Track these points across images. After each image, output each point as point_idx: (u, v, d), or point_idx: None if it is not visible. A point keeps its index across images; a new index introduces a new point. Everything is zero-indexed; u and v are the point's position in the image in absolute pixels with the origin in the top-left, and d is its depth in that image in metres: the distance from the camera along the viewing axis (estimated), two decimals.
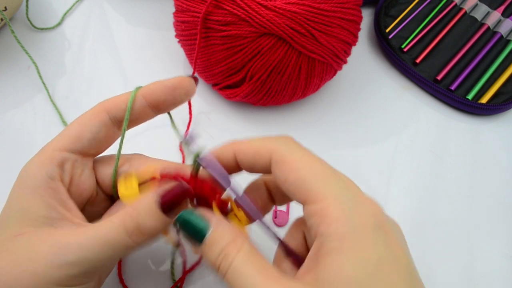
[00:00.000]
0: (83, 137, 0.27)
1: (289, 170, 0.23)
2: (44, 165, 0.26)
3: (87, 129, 0.27)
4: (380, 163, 0.42)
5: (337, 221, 0.21)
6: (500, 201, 0.41)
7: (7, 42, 0.46)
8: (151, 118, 0.29)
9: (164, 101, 0.28)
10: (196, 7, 0.37)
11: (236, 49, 0.37)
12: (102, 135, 0.27)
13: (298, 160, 0.23)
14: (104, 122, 0.27)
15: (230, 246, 0.23)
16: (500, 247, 0.39)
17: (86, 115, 0.27)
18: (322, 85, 0.42)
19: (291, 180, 0.23)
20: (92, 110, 0.28)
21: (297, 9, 0.35)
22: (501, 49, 0.47)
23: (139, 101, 0.28)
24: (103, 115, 0.27)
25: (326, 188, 0.22)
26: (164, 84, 0.28)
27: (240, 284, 0.22)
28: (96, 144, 0.27)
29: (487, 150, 0.44)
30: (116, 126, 0.28)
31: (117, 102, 0.28)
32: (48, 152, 0.26)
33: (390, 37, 0.48)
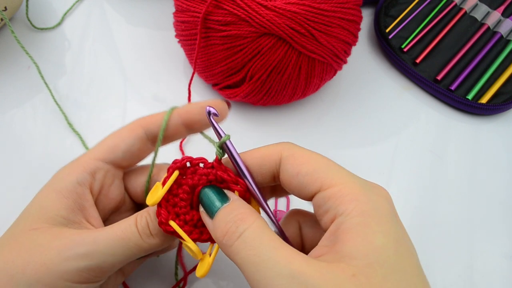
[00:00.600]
0: (118, 148, 0.28)
1: (300, 163, 0.24)
2: (75, 171, 0.27)
3: (122, 142, 0.28)
4: (380, 163, 0.42)
5: (358, 200, 0.22)
6: (500, 201, 0.41)
7: (7, 42, 0.46)
8: (183, 136, 0.30)
9: (198, 121, 0.28)
10: (196, 7, 0.37)
11: (236, 49, 0.37)
12: (136, 148, 0.28)
13: (308, 155, 0.24)
14: (139, 136, 0.28)
15: (245, 214, 0.23)
16: (500, 247, 0.38)
17: (122, 129, 0.28)
18: (322, 85, 0.42)
19: (305, 171, 0.23)
20: (128, 125, 0.29)
21: (297, 9, 0.35)
22: (501, 49, 0.47)
23: (174, 119, 0.28)
24: (139, 130, 0.28)
25: (341, 175, 0.23)
26: (200, 105, 0.28)
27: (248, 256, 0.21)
28: (130, 156, 0.28)
29: (487, 150, 0.44)
30: (150, 142, 0.29)
31: (153, 119, 0.28)
32: (83, 160, 0.27)
33: (390, 37, 0.48)
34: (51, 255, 0.24)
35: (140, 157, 0.29)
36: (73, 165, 0.27)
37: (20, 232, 0.25)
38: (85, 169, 0.27)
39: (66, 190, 0.26)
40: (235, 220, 0.22)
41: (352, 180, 0.23)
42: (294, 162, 0.24)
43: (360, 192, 0.22)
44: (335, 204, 0.22)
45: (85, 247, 0.24)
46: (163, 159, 0.41)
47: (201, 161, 0.27)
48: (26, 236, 0.25)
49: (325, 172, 0.23)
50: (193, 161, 0.26)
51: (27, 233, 0.25)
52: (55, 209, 0.25)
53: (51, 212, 0.25)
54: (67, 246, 0.24)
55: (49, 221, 0.25)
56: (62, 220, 0.25)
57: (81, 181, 0.26)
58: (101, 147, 0.28)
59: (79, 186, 0.26)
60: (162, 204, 0.25)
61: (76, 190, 0.26)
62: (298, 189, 0.24)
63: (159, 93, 0.44)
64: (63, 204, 0.25)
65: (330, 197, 0.22)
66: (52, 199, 0.26)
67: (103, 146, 0.28)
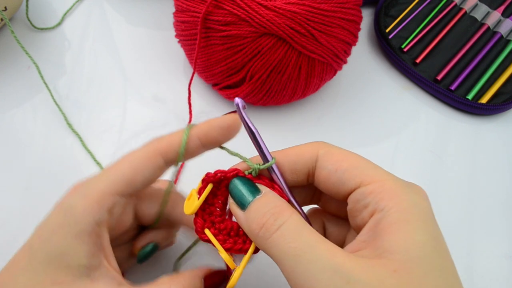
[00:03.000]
0: (137, 181, 0.26)
1: (339, 159, 0.24)
2: (93, 210, 0.24)
3: (141, 173, 0.26)
4: (380, 163, 0.42)
5: (399, 196, 0.22)
6: (500, 201, 0.41)
7: (7, 42, 0.46)
8: (201, 154, 0.28)
9: (218, 140, 0.27)
10: (196, 7, 0.37)
11: (236, 49, 0.37)
12: (155, 177, 0.27)
13: (345, 152, 0.25)
14: (159, 165, 0.26)
15: (282, 207, 0.22)
16: (500, 247, 0.38)
17: (138, 157, 0.26)
18: (322, 85, 0.42)
19: (344, 167, 0.24)
20: (145, 151, 0.26)
21: (297, 9, 0.35)
22: (501, 49, 0.47)
23: (194, 142, 0.27)
24: (158, 159, 0.26)
25: (380, 172, 0.23)
26: (219, 126, 0.27)
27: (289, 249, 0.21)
28: (147, 185, 0.27)
29: (487, 150, 0.44)
30: (168, 166, 0.27)
31: (172, 144, 0.26)
32: (98, 195, 0.25)
33: (390, 37, 0.48)
34: None
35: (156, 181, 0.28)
36: (88, 200, 0.25)
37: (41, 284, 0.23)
38: (103, 207, 0.25)
39: (85, 234, 0.24)
40: (272, 212, 0.22)
41: (391, 177, 0.23)
42: (332, 159, 0.24)
43: (401, 189, 0.22)
44: (375, 200, 0.22)
45: None
46: None
47: (236, 172, 0.26)
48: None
49: (364, 168, 0.24)
50: (227, 174, 0.26)
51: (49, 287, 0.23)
52: (76, 257, 0.24)
53: (72, 262, 0.23)
54: None
55: (72, 272, 0.23)
56: (84, 270, 0.24)
57: (100, 221, 0.24)
58: (116, 178, 0.25)
59: (98, 227, 0.24)
60: (198, 213, 0.26)
61: (95, 231, 0.24)
62: (336, 186, 0.24)
63: (159, 93, 0.44)
64: (83, 251, 0.24)
65: (371, 193, 0.22)
66: (71, 245, 0.24)
67: (119, 178, 0.25)
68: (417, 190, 0.24)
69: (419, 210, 0.22)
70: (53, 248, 0.24)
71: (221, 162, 0.28)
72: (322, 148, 0.25)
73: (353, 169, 0.24)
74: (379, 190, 0.22)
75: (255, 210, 0.23)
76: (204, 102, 0.44)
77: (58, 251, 0.24)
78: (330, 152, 0.25)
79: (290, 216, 0.22)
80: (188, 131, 0.27)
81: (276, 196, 0.24)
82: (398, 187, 0.22)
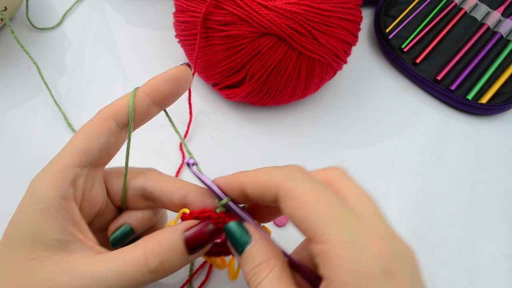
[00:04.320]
0: (93, 148, 0.26)
1: (294, 207, 0.22)
2: (56, 184, 0.25)
3: (96, 140, 0.26)
4: (380, 163, 0.42)
5: (342, 268, 0.20)
6: (500, 201, 0.41)
7: (7, 42, 0.46)
8: (155, 115, 0.28)
9: (168, 94, 0.27)
10: (196, 7, 0.37)
11: (236, 49, 0.37)
12: (111, 143, 0.27)
13: (304, 196, 0.22)
14: (112, 130, 0.26)
15: (263, 264, 0.23)
16: (500, 247, 0.38)
17: (91, 126, 0.26)
18: (322, 85, 0.42)
19: (297, 217, 0.22)
20: (96, 119, 0.27)
21: (297, 9, 0.35)
22: (501, 49, 0.47)
23: (143, 100, 0.27)
24: (110, 123, 0.26)
25: (331, 229, 0.21)
26: (165, 78, 0.27)
27: None
28: (106, 153, 0.27)
29: (487, 150, 0.44)
30: (124, 131, 0.27)
31: (121, 106, 0.27)
32: (59, 169, 0.25)
33: (390, 37, 0.48)
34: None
35: (117, 149, 0.28)
36: (50, 176, 0.25)
37: (19, 262, 0.24)
38: (65, 180, 0.25)
39: (52, 209, 0.24)
40: (254, 272, 0.23)
41: (342, 238, 0.21)
42: (289, 204, 0.22)
43: (347, 257, 0.20)
44: (322, 264, 0.21)
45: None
46: (164, 160, 0.41)
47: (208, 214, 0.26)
48: (26, 268, 0.24)
49: (316, 223, 0.21)
50: (201, 215, 0.26)
51: (26, 264, 0.24)
52: (47, 233, 0.24)
53: (44, 237, 0.24)
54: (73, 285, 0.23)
55: (46, 248, 0.24)
56: (58, 244, 0.24)
57: (65, 195, 0.25)
58: (74, 150, 0.26)
59: (64, 201, 0.25)
60: None
61: (62, 206, 0.24)
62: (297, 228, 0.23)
63: None
64: (54, 226, 0.24)
65: (319, 254, 0.21)
66: (40, 221, 0.24)
67: (76, 149, 0.26)
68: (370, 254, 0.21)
69: (361, 285, 0.20)
70: (23, 228, 0.24)
71: (225, 166, 0.28)
72: (282, 186, 0.23)
73: (306, 221, 0.22)
74: (325, 255, 0.21)
75: (245, 261, 0.24)
76: (204, 102, 0.44)
77: (29, 230, 0.24)
78: (287, 195, 0.22)
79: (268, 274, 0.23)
80: (134, 91, 0.27)
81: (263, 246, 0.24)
82: (345, 254, 0.20)
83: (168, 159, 0.40)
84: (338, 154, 0.42)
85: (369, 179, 0.41)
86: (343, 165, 0.26)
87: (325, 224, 0.21)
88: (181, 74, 0.27)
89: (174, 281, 0.34)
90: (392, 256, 0.21)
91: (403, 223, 0.39)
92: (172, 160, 0.40)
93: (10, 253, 0.24)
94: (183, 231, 0.25)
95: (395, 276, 0.20)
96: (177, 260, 0.25)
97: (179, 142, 0.41)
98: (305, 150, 0.42)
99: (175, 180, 0.29)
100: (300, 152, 0.42)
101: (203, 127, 0.43)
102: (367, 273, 0.20)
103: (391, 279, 0.20)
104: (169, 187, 0.28)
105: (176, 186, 0.28)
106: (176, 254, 0.25)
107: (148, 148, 0.41)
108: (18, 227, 0.25)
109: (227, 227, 0.25)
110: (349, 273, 0.20)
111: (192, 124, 0.42)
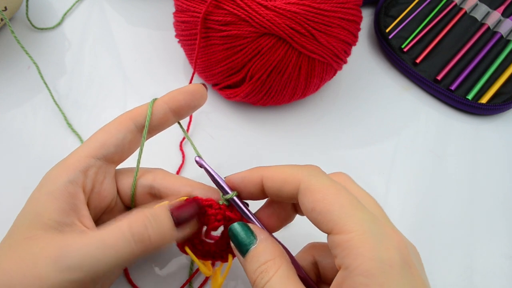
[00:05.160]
0: (110, 143, 0.28)
1: (316, 199, 0.23)
2: (67, 170, 0.26)
3: (113, 136, 0.28)
4: (380, 163, 0.42)
5: (363, 256, 0.21)
6: (500, 201, 0.41)
7: (7, 42, 0.46)
8: (171, 125, 0.30)
9: (184, 105, 0.29)
10: (196, 7, 0.37)
11: (236, 49, 0.37)
12: (127, 141, 0.28)
13: (326, 190, 0.23)
14: (130, 129, 0.28)
15: (269, 263, 0.23)
16: (500, 247, 0.38)
17: (111, 124, 0.28)
18: (322, 85, 0.42)
19: (318, 209, 0.23)
20: (116, 119, 0.29)
21: (297, 9, 0.35)
22: (501, 49, 0.47)
23: (162, 107, 0.29)
24: (129, 123, 0.28)
25: (352, 220, 0.22)
26: (183, 90, 0.29)
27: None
28: (121, 150, 0.28)
29: (487, 150, 0.44)
30: (140, 133, 0.29)
31: (141, 110, 0.29)
32: (74, 159, 0.27)
33: (390, 37, 0.48)
34: (45, 268, 0.23)
35: (132, 150, 0.29)
36: (64, 165, 0.27)
37: (16, 241, 0.25)
38: (77, 167, 0.26)
39: (57, 191, 0.25)
40: (261, 270, 0.23)
41: (364, 227, 0.22)
42: (310, 197, 0.23)
43: (369, 246, 0.21)
44: (342, 254, 0.22)
45: (77, 260, 0.23)
46: (164, 160, 0.41)
47: (210, 203, 0.28)
48: (21, 246, 0.24)
49: (338, 213, 0.22)
50: (204, 202, 0.27)
51: (22, 242, 0.24)
52: (47, 213, 0.25)
53: (44, 217, 0.25)
54: (58, 258, 0.23)
55: (43, 227, 0.25)
56: (55, 224, 0.25)
57: (73, 179, 0.26)
58: (91, 143, 0.28)
59: (71, 185, 0.26)
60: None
61: (68, 190, 0.25)
62: (314, 223, 0.24)
63: (159, 93, 0.44)
64: (54, 207, 0.25)
65: (339, 245, 0.22)
66: (44, 202, 0.25)
67: (93, 142, 0.28)
68: (390, 242, 0.22)
69: (383, 273, 0.20)
70: (28, 208, 0.26)
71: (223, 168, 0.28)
72: (304, 181, 0.24)
73: (327, 213, 0.23)
74: (345, 244, 0.21)
75: (250, 261, 0.24)
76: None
77: (32, 210, 0.25)
78: (309, 189, 0.24)
79: (275, 272, 0.23)
80: (153, 101, 0.29)
81: (269, 245, 0.25)
82: (367, 243, 0.21)
83: (168, 159, 0.40)
84: (338, 154, 0.42)
85: (369, 179, 0.41)
86: (343, 165, 0.26)
87: (347, 215, 0.22)
88: (198, 90, 0.30)
89: (174, 281, 0.34)
90: (407, 249, 0.22)
91: (403, 223, 0.39)
92: (172, 160, 0.40)
93: (13, 233, 0.26)
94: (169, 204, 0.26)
95: (411, 267, 0.22)
96: (163, 230, 0.25)
97: (179, 142, 0.41)
98: (305, 150, 0.42)
99: (181, 178, 0.30)
100: (300, 152, 0.42)
101: (203, 127, 0.43)
102: (388, 261, 0.21)
103: (408, 269, 0.21)
104: (176, 184, 0.29)
105: (182, 184, 0.29)
106: (162, 223, 0.25)
107: (148, 148, 0.41)
108: (25, 208, 0.26)
109: (232, 228, 0.26)
110: (371, 261, 0.21)
111: (192, 124, 0.42)
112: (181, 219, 0.25)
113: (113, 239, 0.24)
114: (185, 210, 0.26)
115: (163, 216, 0.25)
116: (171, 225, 0.25)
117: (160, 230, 0.25)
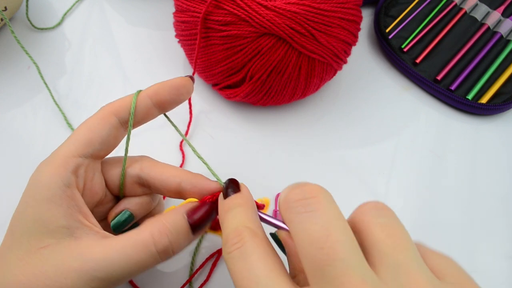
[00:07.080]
0: (95, 141, 0.27)
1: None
2: (58, 173, 0.26)
3: (97, 133, 0.27)
4: (380, 163, 0.42)
5: None
6: (500, 201, 0.41)
7: (7, 42, 0.46)
8: (155, 117, 0.30)
9: (168, 100, 0.29)
10: (196, 7, 0.37)
11: (236, 49, 0.37)
12: (112, 137, 0.28)
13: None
14: (113, 125, 0.28)
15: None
16: (500, 247, 0.38)
17: (94, 120, 0.28)
18: (322, 85, 0.42)
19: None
20: (99, 113, 0.28)
21: (297, 9, 0.35)
22: (501, 49, 0.47)
23: (145, 101, 0.29)
24: (112, 118, 0.28)
25: None
26: (168, 84, 0.29)
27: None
28: (106, 146, 0.28)
29: (487, 150, 0.44)
30: (123, 127, 0.29)
31: (124, 104, 0.28)
32: (61, 159, 0.26)
33: (390, 37, 0.48)
34: (71, 278, 0.23)
35: (116, 143, 0.29)
36: (52, 165, 0.26)
37: (29, 252, 0.24)
38: (67, 169, 0.26)
39: (57, 197, 0.25)
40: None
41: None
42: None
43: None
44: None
45: (104, 272, 0.23)
46: (163, 159, 0.41)
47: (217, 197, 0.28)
48: (37, 257, 0.24)
49: None
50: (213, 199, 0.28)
51: (36, 252, 0.24)
52: (54, 220, 0.24)
53: (51, 225, 0.24)
54: (84, 269, 0.23)
55: (54, 235, 0.24)
56: (65, 230, 0.25)
57: (68, 182, 0.25)
58: (76, 141, 0.27)
59: (68, 189, 0.25)
60: None
61: (66, 194, 0.25)
62: None
63: None
64: (60, 213, 0.25)
65: None
66: (46, 209, 0.25)
67: (78, 140, 0.27)
68: None
69: None
70: (30, 217, 0.25)
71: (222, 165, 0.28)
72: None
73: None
74: None
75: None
76: (204, 102, 0.44)
77: (35, 219, 0.25)
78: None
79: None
80: (137, 93, 0.29)
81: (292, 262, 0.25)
82: None
83: (168, 159, 0.40)
84: (338, 154, 0.42)
85: (369, 179, 0.41)
86: (343, 165, 0.26)
87: None
88: (183, 84, 0.29)
89: (174, 281, 0.34)
90: None
91: (403, 222, 0.39)
92: (172, 160, 0.40)
93: (19, 244, 0.25)
94: (186, 212, 0.26)
95: None
96: (183, 239, 0.26)
97: (179, 142, 0.41)
98: (305, 150, 0.42)
99: (169, 167, 0.30)
100: (300, 152, 0.42)
101: (203, 127, 0.43)
102: None
103: None
104: (164, 174, 0.29)
105: (170, 174, 0.29)
106: (181, 234, 0.25)
107: (148, 148, 0.41)
108: (24, 217, 0.25)
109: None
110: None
111: (192, 124, 0.42)
112: (198, 227, 0.26)
113: (137, 251, 0.24)
114: (201, 217, 0.26)
115: (183, 226, 0.26)
116: (190, 233, 0.26)
117: (181, 240, 0.25)
